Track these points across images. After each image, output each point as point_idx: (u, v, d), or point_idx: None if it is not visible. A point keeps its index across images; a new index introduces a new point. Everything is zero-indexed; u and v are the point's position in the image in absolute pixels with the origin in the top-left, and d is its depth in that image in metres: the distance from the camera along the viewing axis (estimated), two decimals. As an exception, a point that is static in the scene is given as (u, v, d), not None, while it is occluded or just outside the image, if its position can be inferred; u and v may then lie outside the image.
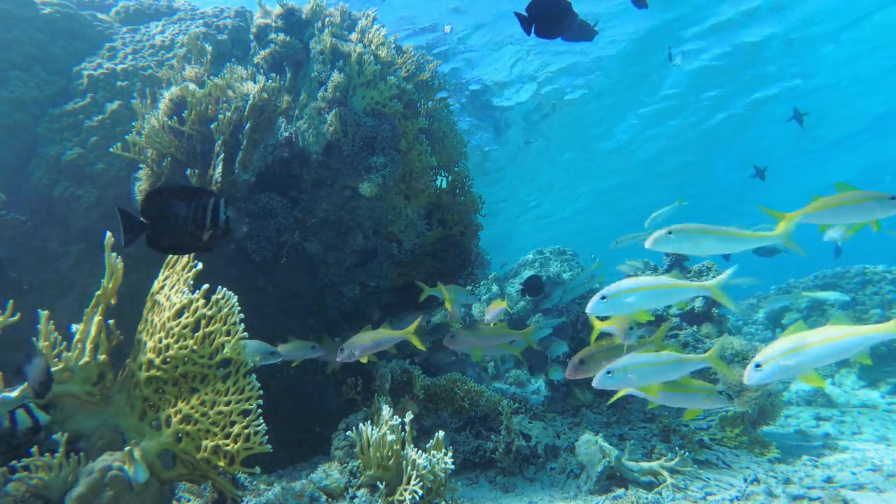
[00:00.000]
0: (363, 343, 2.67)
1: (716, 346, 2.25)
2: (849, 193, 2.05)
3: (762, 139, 13.48)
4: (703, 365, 2.21)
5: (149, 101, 3.32)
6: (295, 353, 2.88)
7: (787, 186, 18.03)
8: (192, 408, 1.89)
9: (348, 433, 2.65)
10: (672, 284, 2.12)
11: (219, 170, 3.06)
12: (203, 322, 1.91)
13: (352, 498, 2.32)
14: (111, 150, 3.20)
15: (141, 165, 3.26)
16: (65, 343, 1.94)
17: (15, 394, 1.79)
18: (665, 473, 3.02)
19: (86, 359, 1.90)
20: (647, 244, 2.07)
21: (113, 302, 2.03)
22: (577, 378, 2.53)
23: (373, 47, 3.46)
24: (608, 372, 2.14)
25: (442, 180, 3.84)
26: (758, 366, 1.85)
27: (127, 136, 3.18)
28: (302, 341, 2.93)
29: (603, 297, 2.10)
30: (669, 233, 2.05)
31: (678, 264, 4.99)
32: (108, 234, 2.01)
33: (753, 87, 10.75)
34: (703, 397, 2.32)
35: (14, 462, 1.67)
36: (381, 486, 2.20)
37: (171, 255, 2.12)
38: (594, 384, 2.19)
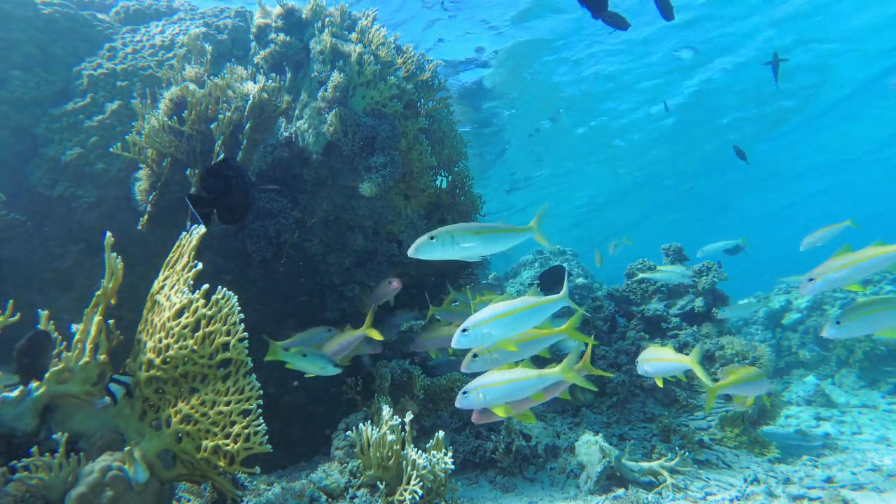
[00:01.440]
0: (330, 349, 2.70)
1: (567, 358, 2.12)
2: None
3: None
4: (556, 379, 2.13)
5: (149, 101, 3.32)
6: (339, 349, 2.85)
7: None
8: (192, 408, 1.89)
9: (348, 433, 2.65)
10: (529, 305, 2.00)
11: (219, 170, 3.06)
12: (203, 322, 1.91)
13: (352, 498, 2.32)
14: (111, 150, 3.20)
15: (141, 165, 3.26)
16: (65, 343, 1.94)
17: (15, 394, 1.79)
18: (665, 473, 3.02)
19: (86, 359, 1.90)
20: (410, 252, 1.97)
21: (113, 302, 2.03)
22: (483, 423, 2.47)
23: (373, 47, 3.46)
24: (464, 392, 2.14)
25: (442, 180, 3.84)
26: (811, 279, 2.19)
27: (127, 136, 3.18)
28: (317, 328, 2.94)
29: (464, 330, 1.99)
30: (432, 238, 1.94)
31: (679, 264, 4.99)
32: (108, 234, 2.01)
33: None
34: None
35: (14, 462, 1.67)
36: (381, 486, 2.20)
37: (171, 255, 2.12)
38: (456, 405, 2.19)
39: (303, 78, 3.47)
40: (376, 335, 2.78)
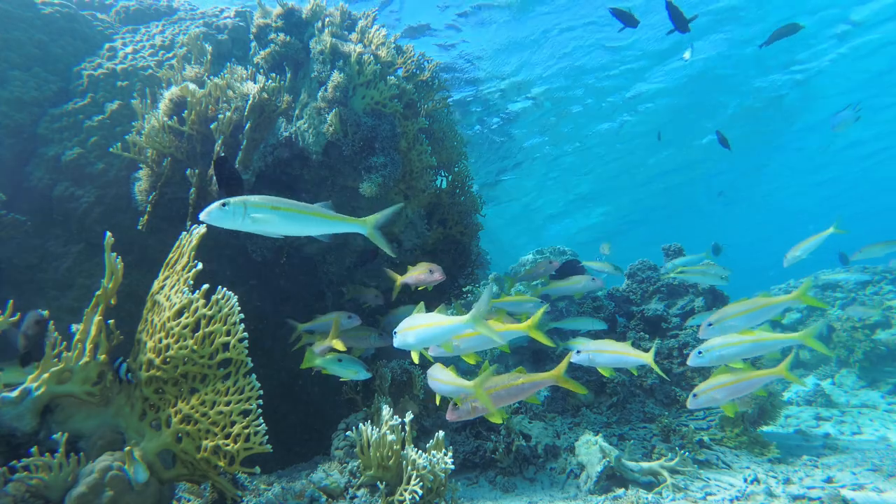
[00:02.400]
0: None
1: (480, 377, 2.11)
2: None
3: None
4: (468, 327, 2.01)
5: (149, 101, 3.32)
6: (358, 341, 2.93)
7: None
8: (192, 408, 1.89)
9: (348, 433, 2.64)
10: (441, 323, 1.97)
11: (219, 170, 3.06)
12: (203, 322, 1.91)
13: (352, 498, 2.32)
14: (111, 150, 3.20)
15: (141, 165, 3.26)
16: (65, 343, 1.94)
17: (15, 393, 1.79)
18: (665, 473, 3.02)
19: (86, 359, 1.90)
20: (201, 216, 1.78)
21: (113, 302, 2.03)
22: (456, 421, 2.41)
23: (373, 47, 3.46)
24: (395, 332, 2.14)
25: (442, 180, 3.84)
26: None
27: (127, 136, 3.18)
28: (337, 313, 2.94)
29: (395, 332, 2.04)
30: (224, 205, 1.77)
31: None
32: (108, 234, 2.01)
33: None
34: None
35: (14, 462, 1.67)
36: (381, 486, 2.20)
37: (171, 255, 2.12)
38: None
39: (303, 78, 3.47)
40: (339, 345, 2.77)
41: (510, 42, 8.16)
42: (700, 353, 2.35)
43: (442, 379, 2.23)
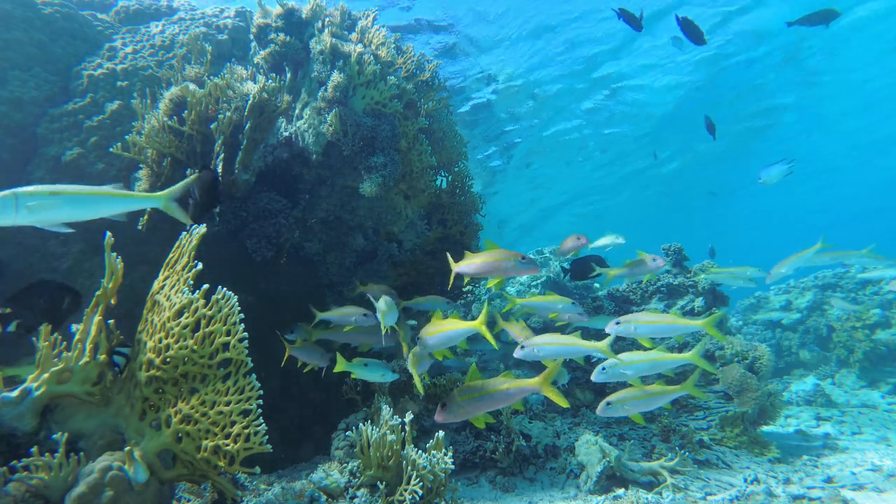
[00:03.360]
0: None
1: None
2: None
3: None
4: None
5: (149, 101, 3.32)
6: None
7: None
8: (192, 408, 1.89)
9: (348, 433, 2.64)
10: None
11: (219, 170, 3.06)
12: (203, 322, 1.91)
13: (352, 498, 2.32)
14: (111, 150, 3.20)
15: (141, 165, 3.26)
16: (65, 343, 1.94)
17: (15, 393, 1.79)
18: (665, 473, 3.02)
19: (86, 359, 1.90)
20: None
21: (113, 302, 2.03)
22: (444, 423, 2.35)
23: (373, 47, 3.46)
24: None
25: (442, 180, 3.84)
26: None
27: (127, 136, 3.18)
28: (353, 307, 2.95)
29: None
30: None
31: (678, 264, 4.99)
32: (108, 234, 2.01)
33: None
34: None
35: (14, 462, 1.67)
36: (381, 486, 2.20)
37: (171, 255, 2.12)
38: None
39: (303, 78, 3.47)
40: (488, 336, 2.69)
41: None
42: (603, 368, 2.43)
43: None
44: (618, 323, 2.51)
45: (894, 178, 17.62)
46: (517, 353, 2.55)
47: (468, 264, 2.62)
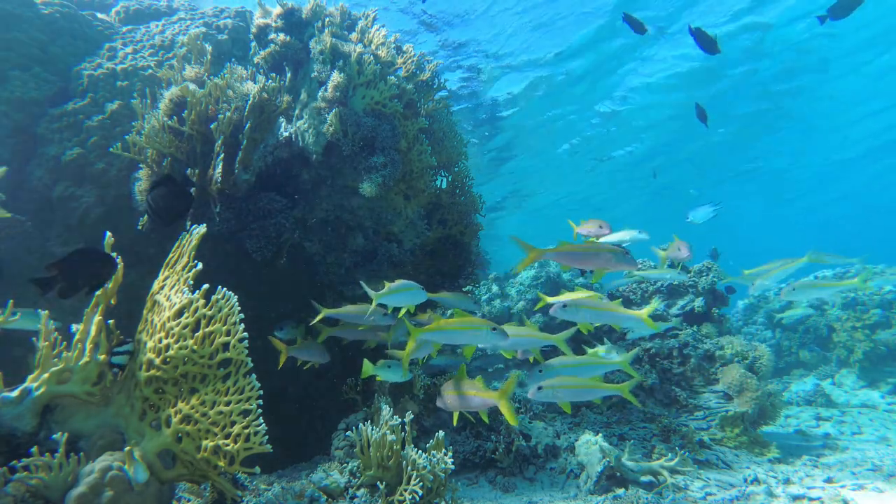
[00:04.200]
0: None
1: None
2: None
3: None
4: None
5: (149, 101, 3.32)
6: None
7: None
8: (192, 408, 1.89)
9: (348, 433, 2.65)
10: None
11: (219, 170, 3.06)
12: (203, 322, 1.91)
13: (352, 498, 2.32)
14: (111, 150, 3.19)
15: (141, 165, 3.26)
16: (65, 343, 1.94)
17: (15, 393, 1.79)
18: (665, 473, 3.02)
19: (86, 359, 1.90)
20: None
21: (113, 302, 2.03)
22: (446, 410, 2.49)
23: (373, 47, 3.46)
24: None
25: (442, 180, 3.84)
26: None
27: (127, 136, 3.17)
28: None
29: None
30: None
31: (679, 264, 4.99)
32: (108, 234, 2.01)
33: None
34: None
35: (14, 462, 1.67)
36: (381, 486, 2.20)
37: (171, 255, 2.12)
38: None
39: (303, 78, 3.47)
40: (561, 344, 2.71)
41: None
42: (540, 388, 2.44)
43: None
44: (564, 306, 2.52)
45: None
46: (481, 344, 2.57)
47: (581, 228, 2.79)
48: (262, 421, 1.88)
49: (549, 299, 2.87)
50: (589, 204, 17.29)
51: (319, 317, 2.96)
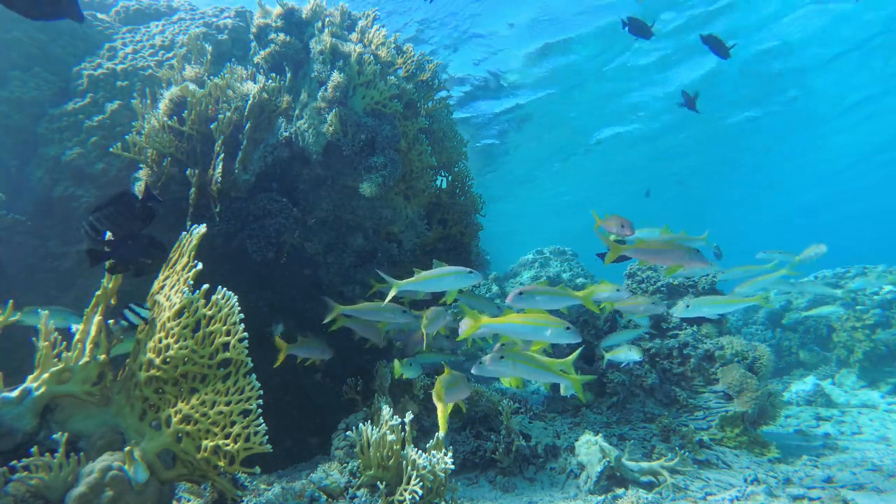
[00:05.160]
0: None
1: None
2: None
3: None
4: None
5: (149, 101, 3.32)
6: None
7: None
8: (192, 408, 1.89)
9: (348, 433, 2.64)
10: None
11: (219, 170, 3.06)
12: (203, 322, 1.91)
13: (352, 498, 2.32)
14: (111, 150, 3.20)
15: (141, 165, 3.26)
16: (65, 343, 1.94)
17: (15, 393, 1.79)
18: (665, 473, 3.02)
19: (86, 359, 1.90)
20: None
21: (113, 302, 2.03)
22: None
23: (373, 47, 3.46)
24: None
25: (442, 180, 3.84)
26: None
27: (127, 136, 3.18)
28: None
29: None
30: None
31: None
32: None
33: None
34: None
35: (14, 462, 1.67)
36: (381, 486, 2.20)
37: (171, 255, 2.12)
38: None
39: (303, 78, 3.47)
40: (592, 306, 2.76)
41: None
42: (502, 357, 2.42)
43: None
44: (520, 294, 2.54)
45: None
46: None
47: (604, 223, 2.78)
48: (262, 421, 1.88)
49: (577, 294, 2.90)
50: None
51: (332, 315, 2.95)
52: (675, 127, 11.90)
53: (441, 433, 2.35)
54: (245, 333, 1.92)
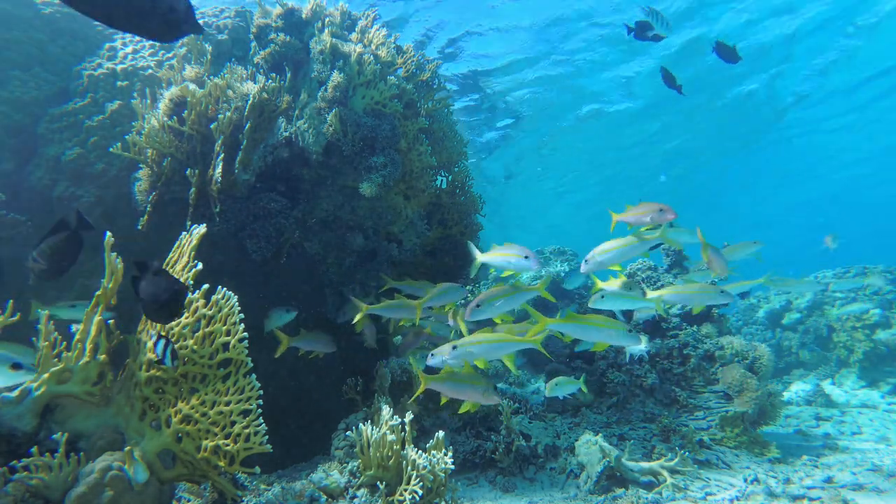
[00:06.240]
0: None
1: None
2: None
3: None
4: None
5: (149, 101, 3.32)
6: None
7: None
8: (192, 408, 1.89)
9: (348, 433, 2.65)
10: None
11: (219, 170, 3.06)
12: (203, 322, 1.91)
13: (352, 498, 2.32)
14: (111, 150, 3.20)
15: (141, 165, 3.26)
16: (65, 343, 1.94)
17: (15, 393, 1.79)
18: (665, 473, 3.02)
19: (86, 359, 1.90)
20: None
21: (113, 302, 2.03)
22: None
23: (373, 47, 3.46)
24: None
25: (442, 180, 3.84)
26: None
27: (127, 136, 3.18)
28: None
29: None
30: None
31: (678, 264, 4.99)
32: (108, 234, 2.01)
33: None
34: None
35: (14, 462, 1.67)
36: (381, 486, 2.20)
37: (171, 255, 2.12)
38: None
39: (303, 78, 3.47)
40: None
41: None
42: (455, 347, 2.46)
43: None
44: (478, 305, 2.57)
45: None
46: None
47: (625, 216, 2.78)
48: (262, 421, 1.88)
49: (603, 284, 2.92)
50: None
51: (360, 315, 3.00)
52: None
53: (441, 433, 2.35)
54: (245, 333, 1.92)
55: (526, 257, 2.60)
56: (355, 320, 3.02)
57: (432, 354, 2.42)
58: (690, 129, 12.56)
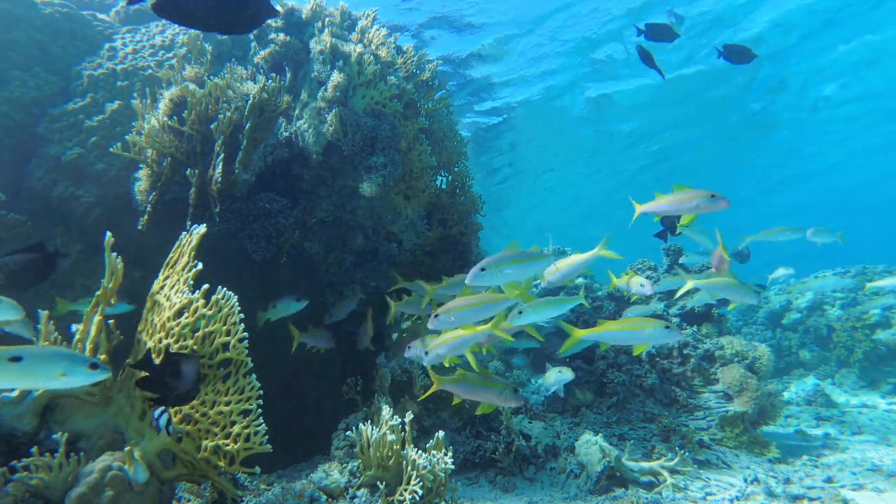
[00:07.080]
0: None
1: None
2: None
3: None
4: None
5: (149, 101, 3.32)
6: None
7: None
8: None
9: (348, 433, 2.65)
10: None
11: (219, 170, 3.06)
12: (203, 322, 1.91)
13: (352, 498, 2.32)
14: (111, 150, 3.20)
15: (141, 165, 3.26)
16: (65, 343, 1.94)
17: (15, 393, 1.79)
18: (665, 473, 3.02)
19: (86, 359, 1.90)
20: None
21: (113, 302, 2.03)
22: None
23: (373, 47, 3.46)
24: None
25: (442, 180, 3.84)
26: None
27: (127, 136, 3.18)
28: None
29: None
30: None
31: (678, 264, 4.99)
32: (108, 234, 2.01)
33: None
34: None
35: (14, 462, 1.67)
36: (381, 486, 2.20)
37: (171, 255, 2.13)
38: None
39: (303, 78, 3.47)
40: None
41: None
42: (436, 315, 2.42)
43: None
44: (436, 316, 2.48)
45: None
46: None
47: (657, 205, 2.61)
48: (262, 421, 1.88)
49: (617, 281, 2.91)
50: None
51: (391, 314, 3.11)
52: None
53: (441, 433, 2.35)
54: (245, 333, 1.92)
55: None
56: (389, 320, 3.14)
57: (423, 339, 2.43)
58: (691, 130, 12.58)
